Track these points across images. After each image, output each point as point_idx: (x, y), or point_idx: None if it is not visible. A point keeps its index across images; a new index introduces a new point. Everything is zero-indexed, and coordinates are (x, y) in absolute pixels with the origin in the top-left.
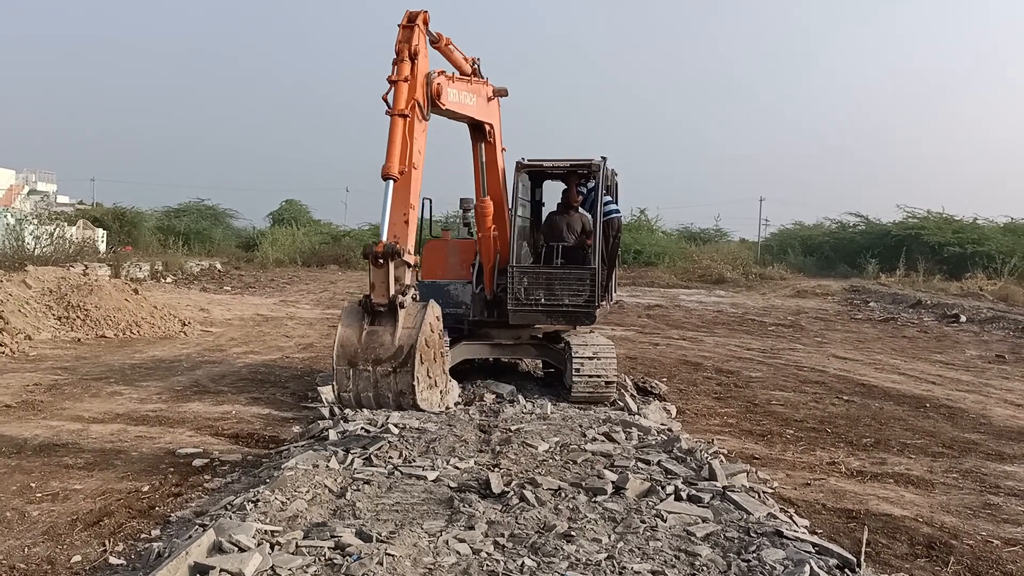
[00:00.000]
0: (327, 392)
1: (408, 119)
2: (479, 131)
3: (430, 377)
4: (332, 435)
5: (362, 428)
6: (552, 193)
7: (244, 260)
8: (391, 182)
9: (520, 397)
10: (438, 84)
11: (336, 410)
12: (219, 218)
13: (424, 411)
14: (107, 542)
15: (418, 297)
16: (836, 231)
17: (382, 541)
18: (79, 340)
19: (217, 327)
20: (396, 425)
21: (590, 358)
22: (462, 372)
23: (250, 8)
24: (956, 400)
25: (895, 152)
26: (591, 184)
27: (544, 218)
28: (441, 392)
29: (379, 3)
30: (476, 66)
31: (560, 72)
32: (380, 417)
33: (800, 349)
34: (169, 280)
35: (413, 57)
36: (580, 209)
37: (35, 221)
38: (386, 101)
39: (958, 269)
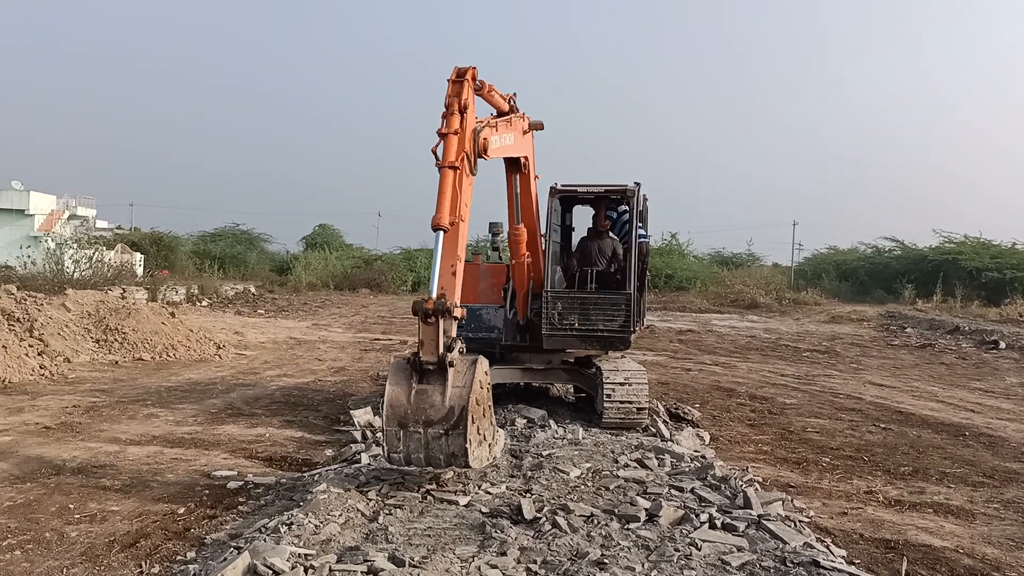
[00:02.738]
0: (359, 415)
1: (458, 171)
2: (514, 163)
3: (480, 434)
4: (364, 458)
5: None
6: (582, 218)
7: (278, 284)
8: (441, 233)
9: (551, 422)
10: (485, 139)
11: (368, 433)
12: (253, 242)
13: (475, 469)
14: (143, 564)
15: (464, 350)
16: (871, 256)
17: (415, 566)
18: (117, 363)
19: (251, 350)
20: None
21: (621, 384)
22: (494, 397)
23: (284, 41)
24: (996, 428)
25: (930, 176)
26: (621, 208)
27: (576, 243)
28: (490, 445)
29: (401, 31)
30: (513, 102)
31: (589, 98)
32: None
33: (836, 375)
34: (204, 304)
35: (463, 111)
36: (610, 234)
37: (74, 245)
38: (435, 153)
39: (996, 295)
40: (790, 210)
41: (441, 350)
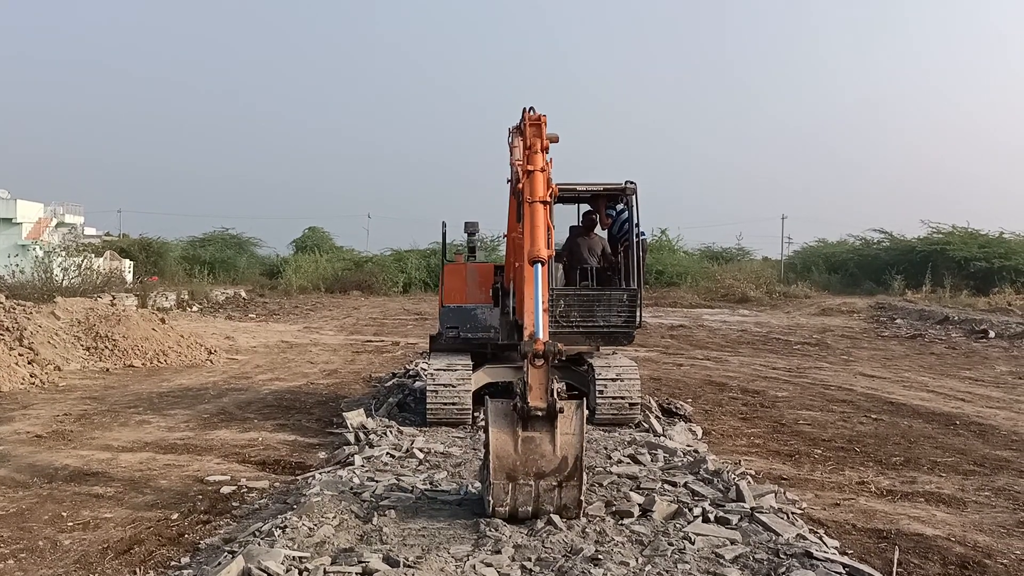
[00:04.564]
0: (352, 418)
1: (549, 206)
2: None
3: (587, 481)
4: (358, 460)
5: (387, 453)
6: (564, 217)
7: (268, 287)
8: (539, 266)
9: None
10: (555, 187)
11: (361, 435)
12: (243, 246)
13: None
14: (137, 570)
15: (564, 391)
16: (860, 248)
17: (409, 566)
18: (107, 370)
19: (242, 355)
20: (421, 450)
21: (613, 380)
22: (485, 396)
23: (270, 43)
24: (987, 417)
25: (917, 167)
26: (619, 207)
27: (564, 242)
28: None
29: (397, 34)
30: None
31: (574, 94)
32: (405, 442)
33: (826, 368)
34: (195, 309)
35: (545, 150)
36: (597, 232)
37: (63, 253)
38: (519, 190)
39: (985, 284)
40: (779, 204)
41: (552, 396)
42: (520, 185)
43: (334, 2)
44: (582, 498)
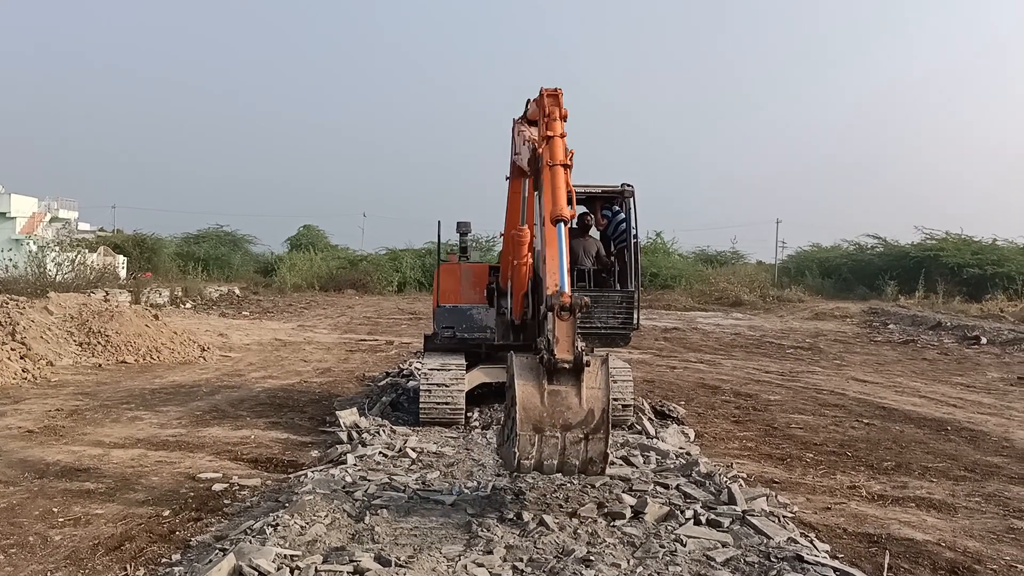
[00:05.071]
0: (345, 416)
1: (569, 168)
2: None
3: (612, 437)
4: (350, 459)
5: (380, 452)
6: None
7: (262, 285)
8: (562, 224)
9: None
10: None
11: (354, 434)
12: (238, 244)
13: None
14: (128, 567)
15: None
16: (854, 253)
17: (401, 566)
18: (100, 366)
19: (236, 352)
20: (414, 449)
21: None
22: (480, 396)
23: (268, 41)
24: (978, 423)
25: (911, 173)
26: (615, 208)
27: None
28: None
29: (396, 34)
30: None
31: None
32: (398, 441)
33: (819, 372)
34: (188, 306)
35: (564, 118)
36: (591, 234)
37: (57, 248)
38: (537, 156)
39: (978, 290)
40: (773, 208)
41: (578, 348)
42: (540, 150)
43: (334, 1)
44: (608, 451)
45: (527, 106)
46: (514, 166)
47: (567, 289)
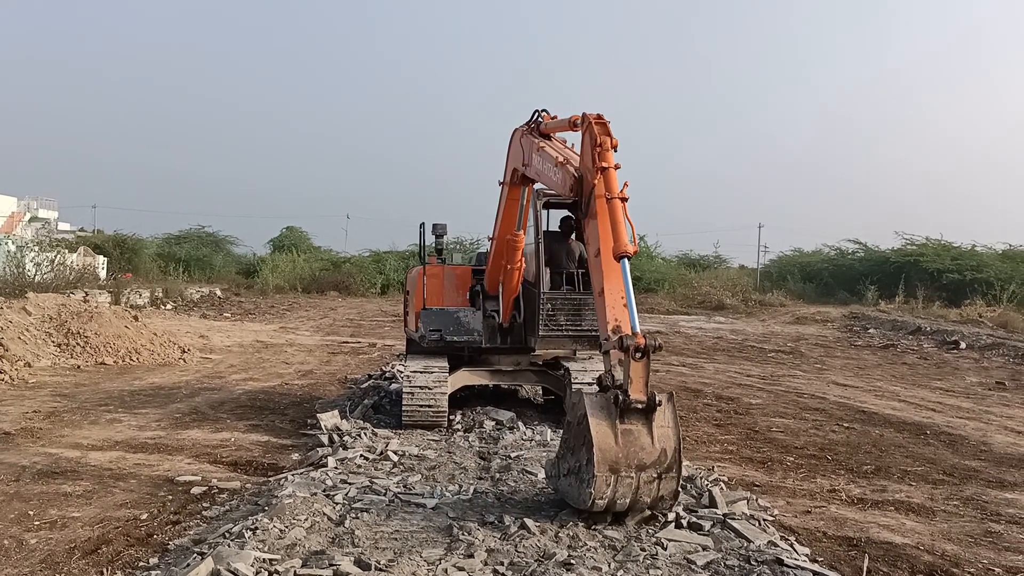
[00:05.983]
0: (326, 419)
1: (626, 201)
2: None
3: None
4: (331, 462)
5: (361, 455)
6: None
7: (244, 287)
8: (626, 260)
9: (520, 424)
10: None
11: (335, 437)
12: (219, 245)
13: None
14: (105, 570)
15: None
16: (835, 258)
17: (381, 570)
18: (79, 367)
19: (216, 354)
20: (395, 452)
21: (589, 384)
22: (462, 399)
23: (249, 44)
24: (957, 427)
25: (892, 179)
26: None
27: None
28: None
29: (377, 33)
30: None
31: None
32: (380, 444)
33: (800, 376)
34: (169, 307)
35: (615, 148)
36: (572, 237)
37: (36, 248)
38: (579, 181)
39: (957, 296)
40: (755, 212)
41: (650, 389)
42: (594, 180)
43: (317, 5)
44: (679, 488)
45: (534, 116)
46: (515, 173)
47: (638, 329)
